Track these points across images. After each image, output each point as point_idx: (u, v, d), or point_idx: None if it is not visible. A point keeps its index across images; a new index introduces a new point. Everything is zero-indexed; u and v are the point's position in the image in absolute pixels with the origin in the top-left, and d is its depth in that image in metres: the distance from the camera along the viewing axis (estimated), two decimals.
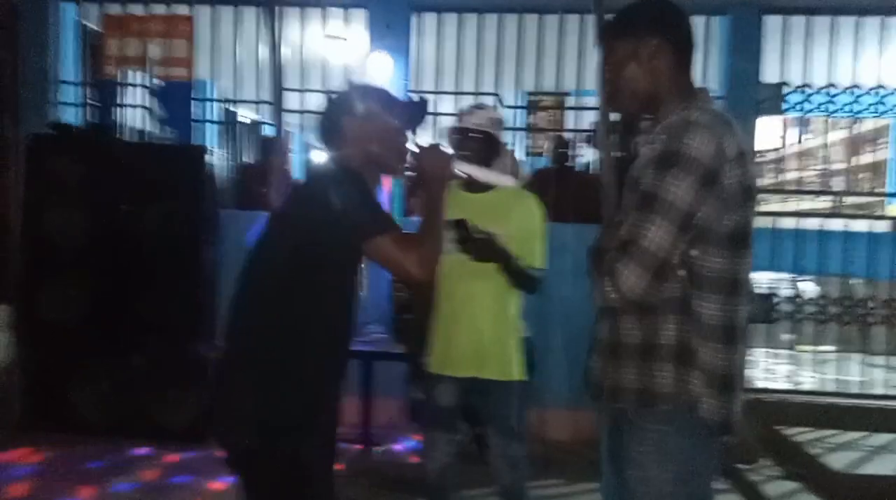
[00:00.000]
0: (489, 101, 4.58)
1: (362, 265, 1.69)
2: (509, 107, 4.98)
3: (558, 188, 4.62)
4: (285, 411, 1.54)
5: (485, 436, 2.74)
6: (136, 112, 4.68)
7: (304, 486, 1.57)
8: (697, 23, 4.20)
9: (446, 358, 2.54)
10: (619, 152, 3.97)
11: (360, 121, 1.69)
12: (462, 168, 1.92)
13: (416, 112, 1.86)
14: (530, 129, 5.97)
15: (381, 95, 1.79)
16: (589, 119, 5.09)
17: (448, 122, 4.62)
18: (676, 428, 1.45)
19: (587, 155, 5.96)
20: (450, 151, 1.77)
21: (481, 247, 2.35)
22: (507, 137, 3.49)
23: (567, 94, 5.10)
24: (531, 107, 5.92)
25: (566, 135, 5.28)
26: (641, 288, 1.39)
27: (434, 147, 1.73)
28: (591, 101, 4.69)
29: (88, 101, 4.92)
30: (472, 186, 2.50)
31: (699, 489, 1.48)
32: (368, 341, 3.63)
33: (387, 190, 4.65)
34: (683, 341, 1.44)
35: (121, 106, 4.69)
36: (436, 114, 4.78)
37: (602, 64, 1.62)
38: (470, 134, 2.52)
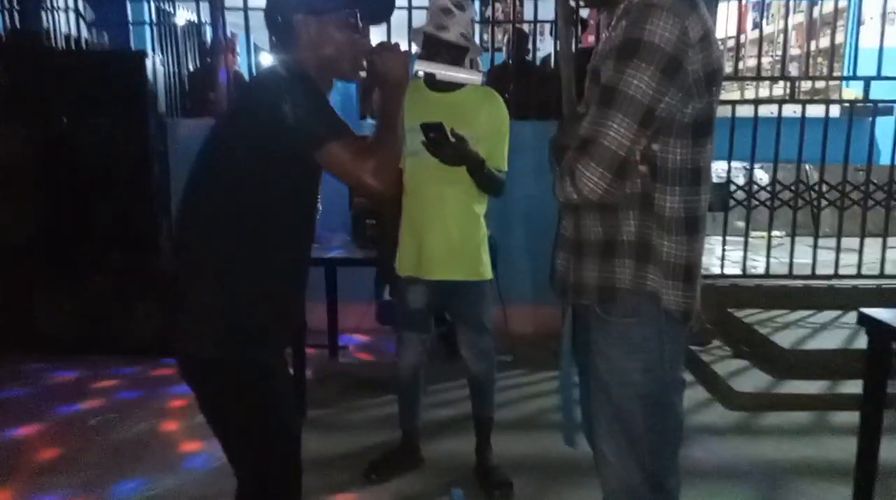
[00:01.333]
0: None
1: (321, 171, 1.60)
2: None
3: (517, 84, 4.53)
4: (245, 319, 1.52)
5: (452, 333, 2.82)
6: (65, 17, 4.35)
7: (266, 393, 1.56)
8: None
9: (417, 261, 2.56)
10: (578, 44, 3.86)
11: (312, 18, 1.52)
12: (423, 67, 1.73)
13: (380, 7, 1.65)
14: (487, 21, 5.76)
15: None
16: (548, 10, 4.92)
17: (402, 15, 4.45)
18: (641, 319, 1.46)
19: (546, 48, 5.81)
20: (406, 48, 1.61)
21: (456, 151, 2.29)
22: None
23: None
24: None
25: (524, 27, 5.12)
26: (603, 188, 1.35)
27: (391, 46, 1.57)
28: None
29: (11, 5, 4.56)
30: (437, 84, 2.42)
31: (668, 377, 1.50)
32: (331, 247, 3.61)
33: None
34: (643, 236, 1.43)
35: (47, 9, 4.36)
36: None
37: None
38: (453, 48, 2.39)
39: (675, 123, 1.38)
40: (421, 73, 1.73)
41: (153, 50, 4.85)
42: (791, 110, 4.51)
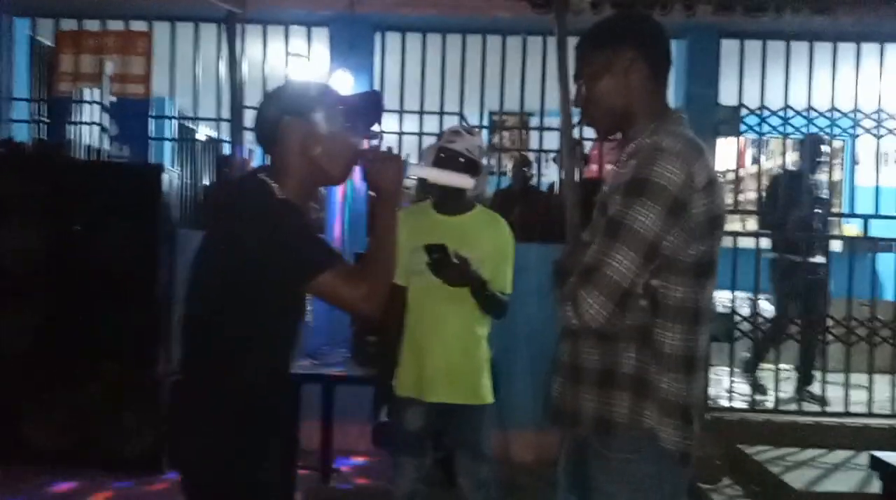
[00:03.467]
0: (458, 121, 4.59)
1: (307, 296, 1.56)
2: (473, 126, 4.98)
3: (521, 208, 4.64)
4: (234, 439, 1.49)
5: (450, 459, 2.72)
6: (90, 129, 4.56)
7: None
8: None
9: (416, 382, 2.51)
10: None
11: (301, 120, 1.50)
12: (416, 171, 1.71)
13: (368, 106, 1.62)
14: (494, 148, 5.97)
15: (323, 91, 1.59)
16: (553, 139, 5.12)
17: (412, 140, 4.65)
18: (641, 456, 1.42)
19: (551, 175, 5.99)
20: (401, 156, 1.60)
21: (458, 272, 2.32)
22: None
23: (530, 114, 5.12)
24: (494, 127, 5.94)
25: (529, 155, 5.30)
26: (603, 317, 1.37)
27: (386, 155, 1.57)
28: (555, 121, 4.73)
29: (40, 118, 4.79)
30: (444, 208, 2.52)
31: None
32: (329, 364, 3.55)
33: (340, 202, 4.56)
34: (641, 370, 1.42)
35: (74, 123, 4.57)
36: (400, 133, 4.77)
37: (575, 76, 1.57)
38: (460, 158, 2.48)
39: (678, 262, 1.41)
40: (414, 178, 1.72)
41: (172, 163, 5.01)
42: None
